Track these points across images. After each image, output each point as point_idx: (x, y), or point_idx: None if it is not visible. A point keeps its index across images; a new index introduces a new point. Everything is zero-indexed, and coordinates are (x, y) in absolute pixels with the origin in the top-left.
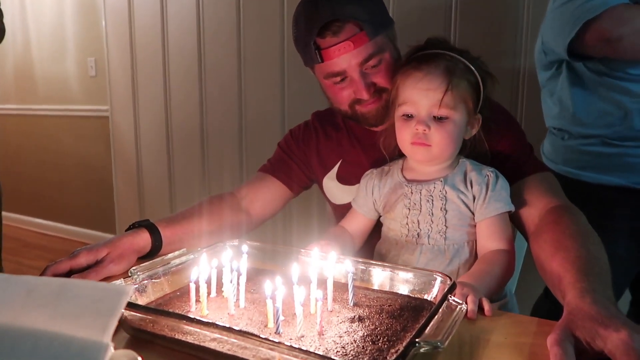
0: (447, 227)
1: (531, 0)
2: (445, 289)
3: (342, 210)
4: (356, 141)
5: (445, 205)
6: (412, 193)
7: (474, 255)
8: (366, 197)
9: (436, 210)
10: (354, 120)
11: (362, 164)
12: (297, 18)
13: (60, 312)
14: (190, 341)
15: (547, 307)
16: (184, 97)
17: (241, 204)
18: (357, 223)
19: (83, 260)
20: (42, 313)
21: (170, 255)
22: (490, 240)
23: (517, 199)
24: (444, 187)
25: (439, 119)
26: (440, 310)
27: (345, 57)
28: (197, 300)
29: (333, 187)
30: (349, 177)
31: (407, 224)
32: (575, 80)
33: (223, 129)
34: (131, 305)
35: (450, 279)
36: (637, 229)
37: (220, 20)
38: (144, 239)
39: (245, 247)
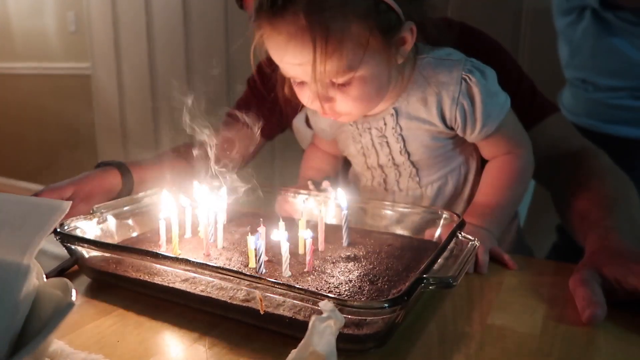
0: (417, 168)
1: None
2: (454, 226)
3: None
4: None
5: (405, 146)
6: (360, 135)
7: (462, 184)
8: (315, 125)
9: (396, 155)
10: None
11: None
12: None
13: None
14: (158, 282)
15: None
16: (168, 51)
17: None
18: (327, 145)
19: None
20: None
21: (140, 194)
22: (496, 151)
23: (535, 146)
24: (397, 123)
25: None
26: (449, 247)
27: None
28: (169, 241)
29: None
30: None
31: (368, 168)
32: (602, 29)
33: (209, 82)
34: (92, 243)
35: (459, 216)
36: None
37: None
38: (113, 176)
39: (225, 187)
